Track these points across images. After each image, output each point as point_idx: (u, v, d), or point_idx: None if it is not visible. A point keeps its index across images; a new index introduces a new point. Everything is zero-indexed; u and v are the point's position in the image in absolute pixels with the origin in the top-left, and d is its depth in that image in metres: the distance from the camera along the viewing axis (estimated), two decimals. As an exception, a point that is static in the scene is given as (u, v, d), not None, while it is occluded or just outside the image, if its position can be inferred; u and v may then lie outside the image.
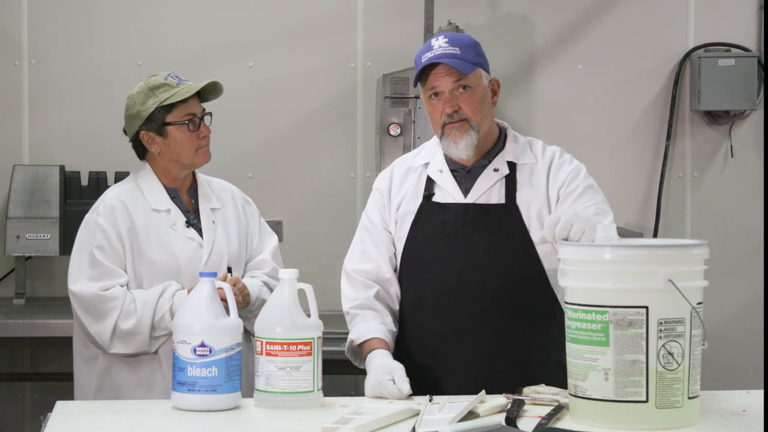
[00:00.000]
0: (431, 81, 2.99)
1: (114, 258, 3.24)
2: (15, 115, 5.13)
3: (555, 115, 5.35)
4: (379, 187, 3.17)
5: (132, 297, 3.21)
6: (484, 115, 3.02)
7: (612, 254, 2.48)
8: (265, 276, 3.41)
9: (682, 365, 2.47)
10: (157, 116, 3.27)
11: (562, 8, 5.37)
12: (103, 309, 3.20)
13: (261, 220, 3.53)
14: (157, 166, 3.35)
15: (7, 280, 5.08)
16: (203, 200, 3.38)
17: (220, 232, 3.35)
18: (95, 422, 2.59)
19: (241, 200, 3.50)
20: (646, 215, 5.39)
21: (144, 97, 3.28)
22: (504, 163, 3.06)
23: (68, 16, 5.16)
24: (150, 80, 3.31)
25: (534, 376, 2.88)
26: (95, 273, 3.22)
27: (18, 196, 4.89)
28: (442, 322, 3.01)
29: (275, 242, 3.51)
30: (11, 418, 5.15)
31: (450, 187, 3.06)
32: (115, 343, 3.21)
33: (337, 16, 5.28)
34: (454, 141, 3.00)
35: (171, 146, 3.29)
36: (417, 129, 4.81)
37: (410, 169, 3.14)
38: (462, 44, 2.98)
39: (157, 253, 3.26)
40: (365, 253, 3.12)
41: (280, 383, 2.68)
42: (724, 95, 5.29)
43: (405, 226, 3.08)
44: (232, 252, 3.36)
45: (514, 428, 2.49)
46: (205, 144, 3.32)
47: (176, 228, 3.30)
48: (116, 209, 3.27)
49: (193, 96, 3.30)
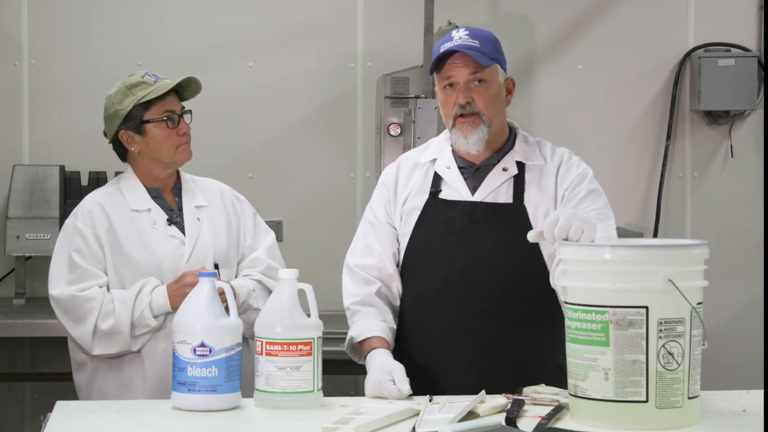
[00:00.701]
0: (447, 70, 2.98)
1: (93, 260, 3.22)
2: (15, 115, 5.13)
3: (555, 115, 5.35)
4: (385, 182, 3.16)
5: (110, 297, 3.18)
6: (497, 111, 3.02)
7: (612, 254, 2.48)
8: (259, 274, 3.36)
9: (682, 365, 2.47)
10: (135, 114, 3.25)
11: (562, 8, 5.37)
12: (81, 311, 3.18)
13: (256, 218, 3.48)
14: (139, 166, 3.31)
15: (7, 280, 5.08)
16: (187, 198, 3.35)
17: (206, 229, 3.31)
18: (95, 422, 2.59)
19: (232, 198, 3.46)
20: (646, 215, 5.39)
21: (121, 96, 3.27)
22: (513, 163, 3.05)
23: (68, 16, 5.16)
24: (127, 80, 3.29)
25: (535, 376, 2.88)
26: (74, 276, 3.20)
27: (18, 196, 4.89)
28: (444, 319, 3.01)
29: (272, 239, 3.46)
30: (11, 418, 5.15)
31: (457, 185, 3.05)
32: (96, 345, 3.19)
33: (337, 16, 5.28)
34: (464, 135, 2.99)
35: (150, 144, 3.26)
36: (417, 129, 4.81)
37: (417, 164, 3.13)
38: (482, 38, 2.98)
39: (138, 252, 3.23)
40: (368, 248, 3.10)
41: (280, 383, 2.68)
42: (724, 95, 5.29)
43: (410, 221, 3.07)
44: (219, 249, 3.31)
45: (514, 428, 2.49)
46: (185, 141, 3.30)
47: (157, 227, 3.26)
48: (94, 212, 3.25)
49: (171, 93, 3.28)
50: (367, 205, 3.20)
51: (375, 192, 3.19)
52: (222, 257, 3.31)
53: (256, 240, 3.43)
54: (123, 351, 3.20)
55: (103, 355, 3.20)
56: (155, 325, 3.18)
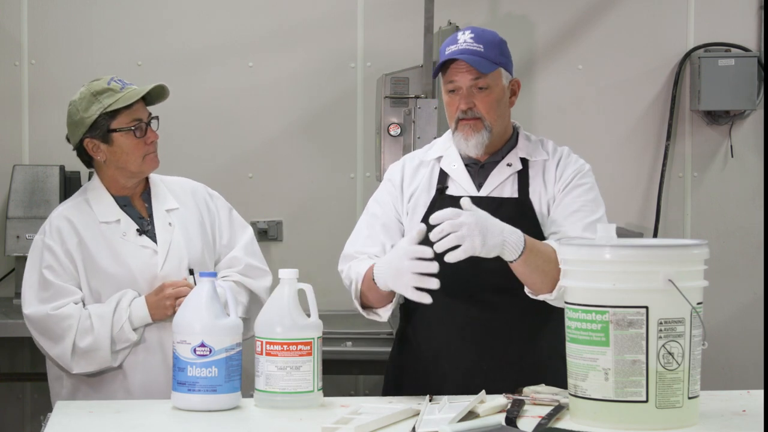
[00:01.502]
0: (450, 75, 2.99)
1: (65, 276, 3.13)
2: (15, 115, 5.13)
3: (555, 115, 5.35)
4: (391, 178, 3.15)
5: (87, 313, 3.09)
6: (499, 115, 3.02)
7: (612, 254, 2.48)
8: (237, 275, 3.27)
9: (682, 365, 2.47)
10: (102, 123, 3.13)
11: (562, 8, 5.37)
12: (58, 329, 3.09)
13: (232, 213, 3.38)
14: (105, 174, 3.22)
15: (7, 280, 5.08)
16: (157, 202, 3.25)
17: (178, 233, 3.22)
18: (95, 422, 2.59)
19: (204, 196, 3.35)
20: (646, 215, 5.39)
21: (87, 104, 3.14)
22: (517, 159, 3.07)
23: (68, 16, 5.16)
24: (92, 85, 3.16)
25: (543, 375, 2.88)
26: (47, 294, 3.12)
27: (18, 196, 4.89)
28: (452, 315, 3.00)
29: (249, 235, 3.37)
30: (11, 418, 5.15)
31: (464, 181, 3.06)
32: (76, 363, 3.10)
33: (337, 16, 5.28)
34: (465, 138, 3.01)
35: (117, 154, 3.16)
36: (417, 129, 4.80)
37: (422, 162, 3.14)
38: (487, 42, 2.98)
39: (111, 266, 3.14)
40: (371, 238, 3.08)
41: (280, 383, 2.68)
42: (724, 95, 5.28)
43: (416, 218, 3.06)
44: (193, 254, 3.22)
45: (514, 428, 2.49)
46: (152, 150, 3.19)
47: (127, 238, 3.17)
48: (62, 227, 3.16)
49: (138, 101, 3.14)
50: (370, 199, 3.19)
51: (381, 187, 3.18)
52: (197, 262, 3.22)
53: (232, 238, 3.34)
54: (103, 368, 3.12)
55: (83, 373, 3.12)
56: (135, 339, 3.11)
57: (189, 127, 5.10)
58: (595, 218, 2.98)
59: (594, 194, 3.05)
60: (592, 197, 3.04)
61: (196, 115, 5.11)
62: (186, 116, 5.06)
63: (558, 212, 3.01)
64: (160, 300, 3.11)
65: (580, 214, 3.00)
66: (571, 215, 3.00)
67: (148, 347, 3.14)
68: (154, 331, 3.15)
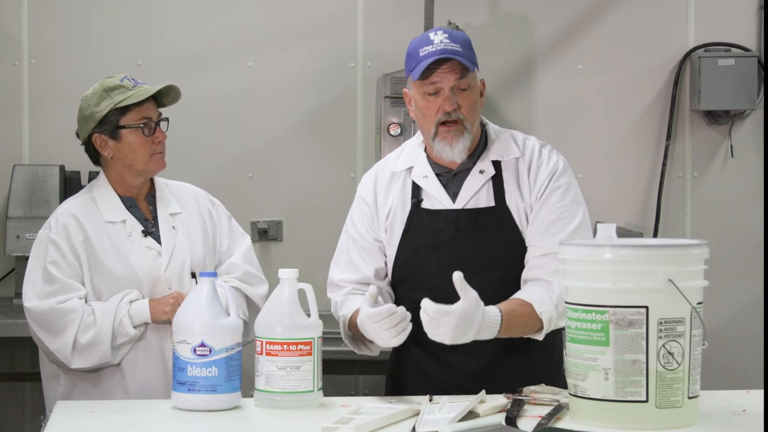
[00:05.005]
0: (433, 77, 2.90)
1: (70, 272, 3.14)
2: (15, 115, 5.13)
3: (555, 115, 5.35)
4: (364, 197, 3.11)
5: (91, 309, 3.10)
6: (476, 116, 2.98)
7: (612, 254, 2.48)
8: (236, 281, 3.29)
9: (682, 365, 2.47)
10: (111, 119, 3.16)
11: (562, 8, 5.37)
12: (60, 323, 3.09)
13: (231, 222, 3.42)
14: (111, 172, 3.25)
15: (7, 280, 5.09)
16: (161, 206, 3.27)
17: (182, 237, 3.25)
18: (95, 422, 2.59)
19: (207, 202, 3.38)
20: (646, 215, 5.39)
21: (98, 99, 3.18)
22: (489, 164, 3.00)
23: (68, 16, 5.16)
24: (105, 82, 3.20)
25: (543, 376, 2.88)
26: (51, 288, 3.12)
27: (18, 196, 4.89)
28: None
29: (247, 244, 3.41)
30: (11, 418, 5.15)
31: (437, 194, 3.00)
32: (76, 358, 3.10)
33: (337, 16, 5.28)
34: (449, 144, 2.94)
35: (124, 151, 3.19)
36: (416, 129, 4.80)
37: (393, 175, 3.08)
38: (462, 41, 2.92)
39: (115, 265, 3.16)
40: (353, 264, 3.07)
41: (280, 383, 2.68)
42: (724, 95, 5.28)
43: (395, 234, 3.03)
44: (195, 257, 3.24)
45: (514, 428, 2.49)
46: (160, 150, 3.21)
47: (133, 238, 3.19)
48: (68, 224, 3.17)
49: (149, 100, 3.19)
50: (348, 216, 3.16)
51: (354, 206, 3.14)
52: (199, 265, 3.24)
53: (232, 245, 3.37)
54: (103, 363, 3.12)
55: (81, 369, 3.12)
56: (134, 334, 3.12)
57: (189, 126, 5.09)
58: (574, 225, 2.93)
59: (571, 195, 2.99)
60: (569, 200, 2.97)
61: (196, 114, 5.11)
62: (186, 116, 5.02)
63: (536, 226, 2.95)
64: (161, 300, 3.14)
65: (558, 225, 2.94)
66: (549, 228, 2.94)
67: (147, 347, 3.15)
68: (155, 332, 3.16)
